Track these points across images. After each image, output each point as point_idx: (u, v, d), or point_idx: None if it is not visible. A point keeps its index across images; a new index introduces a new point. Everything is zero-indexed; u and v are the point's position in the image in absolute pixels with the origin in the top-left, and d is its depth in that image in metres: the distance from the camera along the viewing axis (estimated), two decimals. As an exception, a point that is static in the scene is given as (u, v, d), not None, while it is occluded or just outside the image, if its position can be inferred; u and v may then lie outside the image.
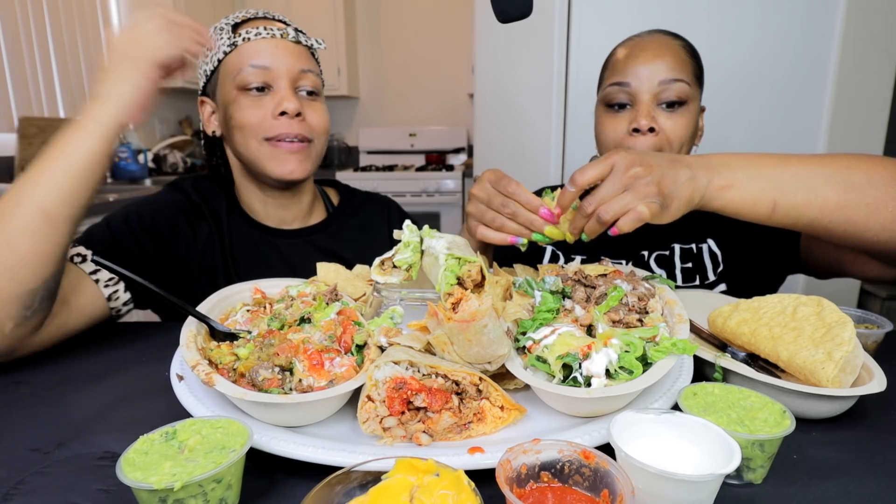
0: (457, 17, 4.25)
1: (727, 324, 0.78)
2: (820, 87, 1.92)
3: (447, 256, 0.65)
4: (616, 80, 1.09)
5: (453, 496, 0.42)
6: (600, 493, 0.46)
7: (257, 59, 1.02)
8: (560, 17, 1.97)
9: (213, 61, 1.07)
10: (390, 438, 0.57)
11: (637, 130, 1.05)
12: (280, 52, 1.04)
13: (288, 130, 1.03)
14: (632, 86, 1.06)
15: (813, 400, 0.64)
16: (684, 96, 1.05)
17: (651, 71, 1.05)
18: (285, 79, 1.04)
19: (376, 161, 4.40)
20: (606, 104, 1.11)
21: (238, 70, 1.03)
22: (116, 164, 3.27)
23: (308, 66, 1.07)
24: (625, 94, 1.08)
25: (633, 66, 1.06)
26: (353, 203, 1.29)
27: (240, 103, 1.04)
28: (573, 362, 0.61)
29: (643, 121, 1.04)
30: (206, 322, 0.71)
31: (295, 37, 1.06)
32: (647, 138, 1.04)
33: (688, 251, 1.16)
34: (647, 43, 1.09)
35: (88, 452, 0.60)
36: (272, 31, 1.03)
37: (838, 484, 0.54)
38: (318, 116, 1.09)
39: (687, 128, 1.06)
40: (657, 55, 1.06)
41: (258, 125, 1.03)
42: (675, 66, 1.05)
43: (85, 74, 3.23)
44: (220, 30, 1.06)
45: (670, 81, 1.04)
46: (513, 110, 2.29)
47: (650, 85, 1.05)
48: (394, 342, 0.66)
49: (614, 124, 1.09)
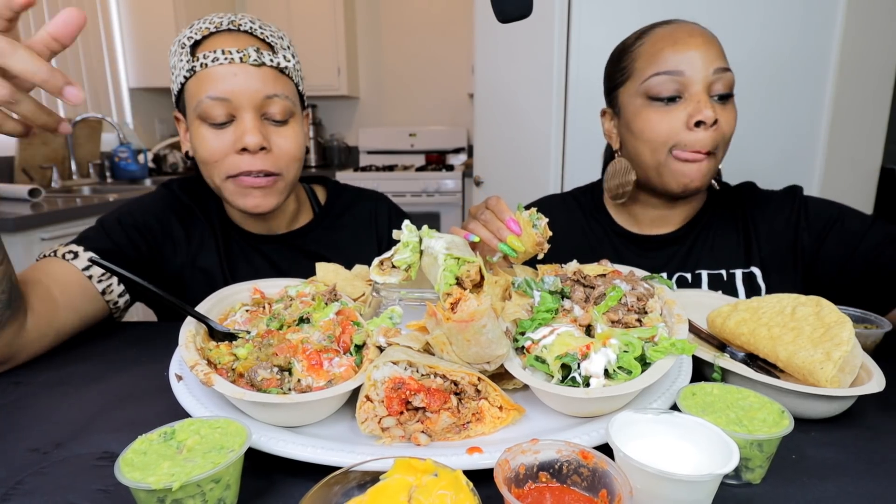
0: (457, 17, 4.25)
1: (726, 324, 0.78)
2: (820, 86, 1.92)
3: (446, 256, 0.65)
4: (663, 69, 0.96)
5: (451, 496, 0.43)
6: (598, 494, 0.46)
7: (215, 90, 0.93)
8: (560, 17, 1.97)
9: (177, 83, 0.99)
10: (389, 438, 0.57)
11: (700, 123, 0.94)
12: (240, 79, 0.93)
13: (250, 167, 0.96)
14: (686, 74, 0.95)
15: (812, 400, 0.64)
16: (732, 87, 0.97)
17: (704, 58, 0.95)
18: (247, 109, 0.94)
19: (376, 161, 4.40)
20: (650, 97, 0.99)
21: (197, 100, 0.94)
22: (116, 164, 3.27)
23: (274, 90, 0.96)
24: (676, 84, 0.96)
25: (685, 51, 0.95)
26: (340, 202, 1.25)
27: (201, 136, 0.96)
28: (572, 362, 0.61)
29: (709, 112, 0.93)
30: (204, 322, 0.71)
31: (257, 59, 0.94)
32: (707, 134, 0.95)
33: (716, 277, 1.07)
34: (693, 28, 0.98)
35: (87, 452, 0.60)
36: (230, 56, 0.93)
37: (837, 484, 0.54)
38: (288, 144, 0.99)
39: (735, 121, 0.98)
40: (707, 42, 0.96)
41: (219, 163, 0.96)
42: (723, 55, 0.96)
43: (85, 74, 3.23)
44: (182, 47, 0.97)
45: (723, 70, 0.95)
46: (513, 110, 2.29)
47: (705, 73, 0.94)
48: (392, 342, 0.66)
49: (668, 119, 0.97)
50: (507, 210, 0.83)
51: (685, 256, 1.10)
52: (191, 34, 0.97)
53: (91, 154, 3.23)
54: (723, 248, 1.09)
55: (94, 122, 3.14)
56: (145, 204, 1.08)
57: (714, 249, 1.10)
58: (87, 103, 3.23)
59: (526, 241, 0.80)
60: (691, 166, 0.97)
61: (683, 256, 1.10)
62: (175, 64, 0.99)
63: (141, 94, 3.73)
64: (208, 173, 1.00)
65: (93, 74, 3.27)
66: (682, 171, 0.98)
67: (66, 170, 3.08)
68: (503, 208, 0.84)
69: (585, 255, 1.10)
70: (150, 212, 1.07)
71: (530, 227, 0.80)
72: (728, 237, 1.10)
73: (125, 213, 1.04)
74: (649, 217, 1.12)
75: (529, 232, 0.80)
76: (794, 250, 1.06)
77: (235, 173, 0.97)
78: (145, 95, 3.78)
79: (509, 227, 0.81)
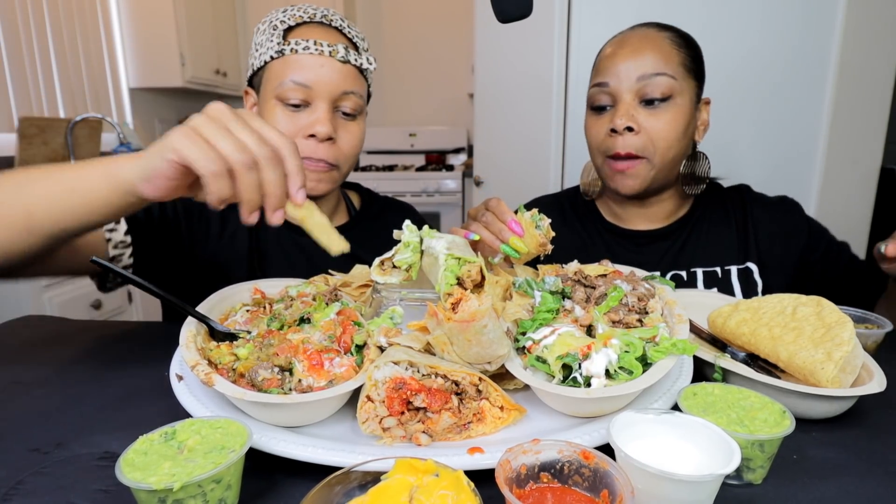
0: (457, 17, 4.25)
1: (727, 324, 0.78)
2: (820, 86, 1.92)
3: (447, 257, 0.65)
4: (597, 81, 1.06)
5: (453, 496, 0.42)
6: (600, 494, 0.46)
7: (299, 76, 0.98)
8: (560, 17, 1.97)
9: (260, 59, 1.03)
10: (390, 439, 0.57)
11: (615, 131, 1.02)
12: (325, 71, 0.99)
13: (313, 154, 1.01)
14: (610, 85, 1.03)
15: (813, 400, 0.63)
16: (668, 91, 1.00)
17: (629, 68, 1.01)
18: (325, 99, 1.00)
19: (376, 161, 4.39)
20: (590, 107, 1.09)
21: (279, 81, 0.99)
22: (116, 164, 3.27)
23: (352, 87, 1.02)
24: (606, 95, 1.04)
25: (612, 64, 1.03)
26: (375, 207, 1.29)
27: (274, 114, 1.01)
28: (573, 362, 0.61)
29: (618, 120, 1.01)
30: (205, 322, 0.71)
31: (344, 56, 1.00)
32: (625, 138, 1.02)
33: (711, 274, 1.11)
34: (628, 38, 1.05)
35: (88, 452, 0.60)
36: (321, 48, 0.99)
37: (838, 484, 0.54)
38: (351, 139, 1.05)
39: (672, 124, 1.02)
40: (635, 50, 1.02)
41: None
42: (657, 60, 1.01)
43: (85, 74, 3.23)
44: (273, 28, 1.02)
45: (651, 76, 1.00)
46: (513, 110, 2.29)
47: (629, 83, 1.01)
48: (393, 342, 0.66)
49: (596, 126, 1.07)
50: (508, 211, 0.83)
51: (678, 253, 1.13)
52: (284, 18, 1.02)
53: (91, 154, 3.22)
54: (717, 245, 1.13)
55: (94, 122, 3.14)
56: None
57: (708, 246, 1.13)
58: (87, 103, 3.23)
59: (529, 242, 0.80)
60: (622, 170, 1.05)
61: (676, 253, 1.14)
62: (262, 42, 1.02)
63: (141, 94, 3.72)
64: None
65: (93, 74, 3.27)
66: (614, 176, 1.07)
67: (65, 170, 3.08)
68: (504, 209, 0.84)
69: (580, 252, 1.14)
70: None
71: (533, 228, 0.80)
72: (721, 233, 1.14)
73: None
74: (628, 213, 1.18)
75: (532, 233, 0.80)
76: (792, 252, 1.12)
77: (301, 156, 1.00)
78: (145, 95, 3.77)
79: (511, 229, 0.81)
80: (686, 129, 1.05)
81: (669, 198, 1.15)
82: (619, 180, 1.07)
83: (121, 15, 3.47)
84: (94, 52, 3.28)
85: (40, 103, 2.90)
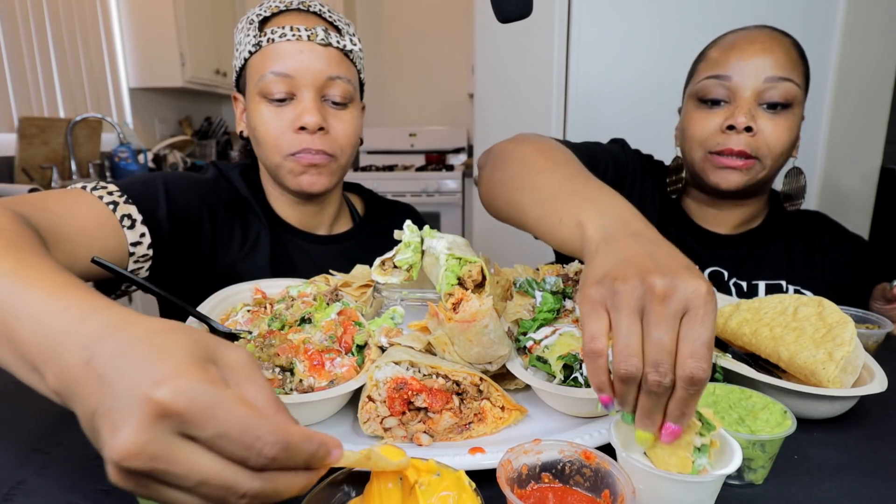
0: (457, 17, 4.25)
1: (728, 324, 0.78)
2: (820, 86, 1.91)
3: (448, 256, 0.65)
4: (714, 73, 0.98)
5: (454, 497, 0.42)
6: (601, 494, 0.46)
7: (279, 66, 0.93)
8: (560, 17, 1.97)
9: (240, 58, 0.99)
10: (391, 439, 0.57)
11: (732, 128, 0.95)
12: (305, 56, 0.94)
13: (309, 146, 0.96)
14: (733, 79, 0.96)
15: (814, 400, 0.64)
16: (791, 98, 0.95)
17: (759, 65, 0.95)
18: (309, 88, 0.95)
19: (376, 161, 4.40)
20: (699, 98, 1.01)
21: (259, 75, 0.95)
22: (116, 164, 3.27)
23: (337, 71, 0.96)
24: (723, 89, 0.97)
25: (737, 58, 0.96)
26: (378, 211, 1.26)
27: (260, 113, 0.96)
28: (574, 362, 0.61)
29: (741, 118, 0.94)
30: (206, 322, 0.71)
31: (324, 38, 0.94)
32: (741, 137, 0.96)
33: (775, 287, 1.08)
34: (756, 35, 0.99)
35: (89, 452, 0.60)
36: (298, 33, 0.93)
37: (839, 484, 0.54)
38: (345, 128, 0.99)
39: (789, 133, 0.97)
40: (766, 49, 0.96)
41: (277, 141, 0.96)
42: (786, 64, 0.95)
43: (85, 74, 3.23)
44: (250, 23, 0.98)
45: (778, 79, 0.94)
46: (513, 110, 2.29)
47: (755, 81, 0.95)
48: (394, 342, 0.66)
49: (705, 120, 0.99)
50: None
51: (740, 264, 1.10)
52: (260, 11, 0.98)
53: (91, 154, 3.22)
54: (778, 261, 1.10)
55: (93, 122, 3.14)
56: (200, 183, 1.00)
57: (767, 259, 1.10)
58: (86, 103, 3.23)
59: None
60: (726, 166, 0.99)
61: (738, 263, 1.10)
62: (241, 40, 0.99)
63: (141, 94, 3.73)
64: (266, 153, 0.99)
65: (93, 74, 3.27)
66: (718, 170, 1.00)
67: (66, 170, 3.08)
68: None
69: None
70: (201, 200, 0.97)
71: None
72: (784, 253, 1.11)
73: (177, 194, 0.93)
74: (702, 214, 1.14)
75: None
76: (844, 284, 1.11)
77: (296, 150, 0.96)
78: (145, 95, 3.78)
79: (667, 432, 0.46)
80: (796, 140, 1.01)
81: (750, 205, 1.11)
82: (722, 175, 1.00)
83: (121, 15, 3.47)
84: (94, 52, 3.28)
85: (40, 103, 2.90)
